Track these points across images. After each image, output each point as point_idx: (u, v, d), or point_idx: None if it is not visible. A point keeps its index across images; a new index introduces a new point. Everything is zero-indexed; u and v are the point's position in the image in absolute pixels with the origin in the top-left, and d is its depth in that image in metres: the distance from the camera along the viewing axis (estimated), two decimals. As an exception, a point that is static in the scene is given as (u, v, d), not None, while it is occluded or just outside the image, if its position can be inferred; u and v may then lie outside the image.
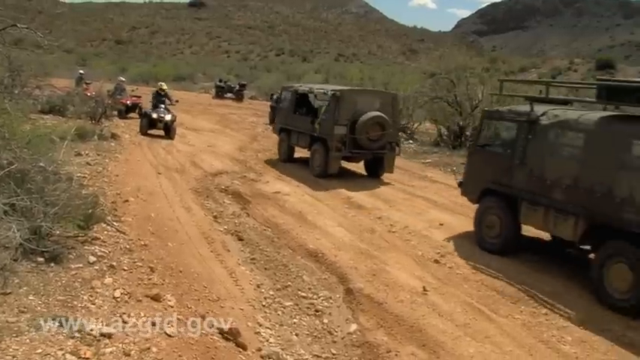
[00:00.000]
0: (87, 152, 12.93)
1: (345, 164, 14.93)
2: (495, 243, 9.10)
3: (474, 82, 24.86)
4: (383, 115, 13.83)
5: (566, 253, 8.71)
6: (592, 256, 8.01)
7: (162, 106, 19.30)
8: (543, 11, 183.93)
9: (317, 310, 7.16)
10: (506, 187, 9.01)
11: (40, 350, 4.09)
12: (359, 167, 15.17)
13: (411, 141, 22.78)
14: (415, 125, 25.70)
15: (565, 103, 9.40)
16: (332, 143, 13.81)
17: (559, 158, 8.14)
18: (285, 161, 16.26)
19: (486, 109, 11.40)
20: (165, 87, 20.58)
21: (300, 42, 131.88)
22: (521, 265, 8.47)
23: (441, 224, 10.45)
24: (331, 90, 14.58)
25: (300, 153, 16.20)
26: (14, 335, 4.22)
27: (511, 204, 8.93)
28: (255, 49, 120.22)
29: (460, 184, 10.49)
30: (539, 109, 8.82)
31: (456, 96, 21.65)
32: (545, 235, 9.28)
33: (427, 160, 17.34)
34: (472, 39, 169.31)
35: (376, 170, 14.67)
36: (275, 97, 22.93)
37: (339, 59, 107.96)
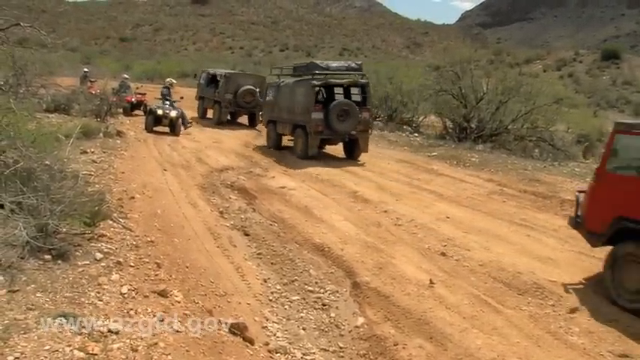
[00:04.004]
0: (92, 150, 12.94)
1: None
2: (271, 144, 18.05)
3: (479, 75, 24.78)
4: (254, 88, 22.96)
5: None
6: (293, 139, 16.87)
7: (168, 102, 19.36)
8: (548, 2, 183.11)
9: (324, 304, 7.17)
10: (274, 117, 17.83)
11: (48, 347, 4.10)
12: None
13: (416, 134, 22.75)
14: (420, 118, 25.66)
15: (297, 75, 17.60)
16: (223, 103, 23.42)
17: (285, 100, 17.05)
18: (202, 118, 25.73)
19: (268, 82, 20.45)
20: (173, 82, 21.25)
21: (304, 37, 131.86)
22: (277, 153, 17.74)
23: (448, 217, 10.42)
24: (225, 72, 24.59)
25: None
26: (22, 332, 4.23)
27: (275, 125, 17.73)
28: (259, 44, 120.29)
29: (261, 122, 19.94)
30: (283, 79, 18.21)
31: (460, 88, 21.58)
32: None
33: (433, 153, 17.27)
34: (477, 31, 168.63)
35: (253, 122, 23.77)
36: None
37: (343, 54, 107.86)
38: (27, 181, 6.25)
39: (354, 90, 16.51)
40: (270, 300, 7.14)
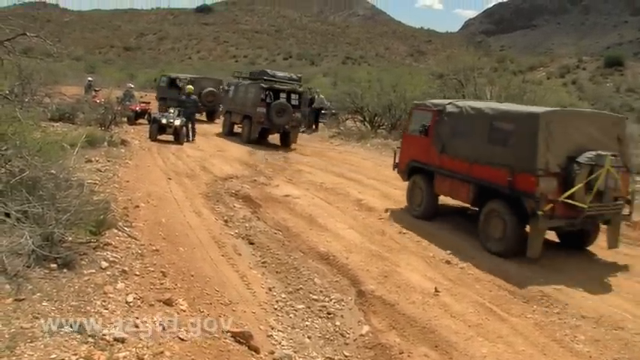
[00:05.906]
0: (97, 159, 12.98)
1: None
2: (226, 130, 23.39)
3: (483, 82, 24.82)
4: (214, 89, 28.06)
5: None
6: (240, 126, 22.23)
7: (172, 110, 19.44)
8: (551, 10, 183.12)
9: (329, 313, 7.16)
10: (230, 108, 23.19)
11: (54, 355, 4.10)
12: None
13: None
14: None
15: (253, 79, 22.82)
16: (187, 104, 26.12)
17: (240, 96, 22.13)
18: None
19: (229, 82, 26.45)
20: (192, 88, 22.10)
21: (308, 45, 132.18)
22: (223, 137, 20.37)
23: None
24: (189, 77, 29.09)
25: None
26: (29, 341, 4.24)
27: (231, 115, 23.15)
28: (263, 53, 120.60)
29: (221, 112, 25.80)
30: (241, 81, 23.35)
31: (464, 96, 21.59)
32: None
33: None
34: (480, 39, 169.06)
35: (212, 117, 28.89)
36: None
37: (346, 62, 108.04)
38: (33, 189, 6.28)
39: (293, 95, 21.48)
40: (275, 309, 7.13)
